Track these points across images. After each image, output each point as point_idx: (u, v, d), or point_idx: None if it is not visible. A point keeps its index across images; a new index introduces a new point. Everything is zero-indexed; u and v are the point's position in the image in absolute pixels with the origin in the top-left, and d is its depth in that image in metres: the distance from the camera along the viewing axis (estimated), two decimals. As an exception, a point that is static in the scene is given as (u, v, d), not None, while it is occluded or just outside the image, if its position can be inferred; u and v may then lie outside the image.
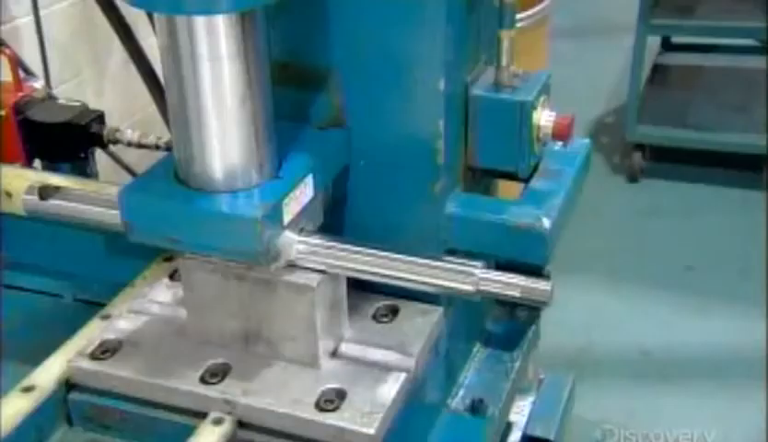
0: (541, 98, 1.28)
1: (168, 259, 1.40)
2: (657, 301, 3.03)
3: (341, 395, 1.13)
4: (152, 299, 1.31)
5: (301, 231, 1.15)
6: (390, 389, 1.14)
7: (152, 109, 2.42)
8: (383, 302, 1.29)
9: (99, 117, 1.81)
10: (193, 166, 1.11)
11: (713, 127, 4.15)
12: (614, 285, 3.10)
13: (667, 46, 4.96)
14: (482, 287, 1.11)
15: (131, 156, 2.13)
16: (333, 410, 1.11)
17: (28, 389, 1.17)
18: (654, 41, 4.65)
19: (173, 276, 1.35)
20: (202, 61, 1.04)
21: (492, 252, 1.23)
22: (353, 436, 1.08)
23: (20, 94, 1.82)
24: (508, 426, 1.60)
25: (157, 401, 1.16)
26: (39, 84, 1.96)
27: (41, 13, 2.50)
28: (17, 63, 1.88)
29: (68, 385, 1.20)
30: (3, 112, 1.76)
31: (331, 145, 1.22)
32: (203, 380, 1.16)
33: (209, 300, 1.19)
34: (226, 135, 1.09)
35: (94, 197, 1.29)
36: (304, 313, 1.15)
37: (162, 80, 1.15)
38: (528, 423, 1.68)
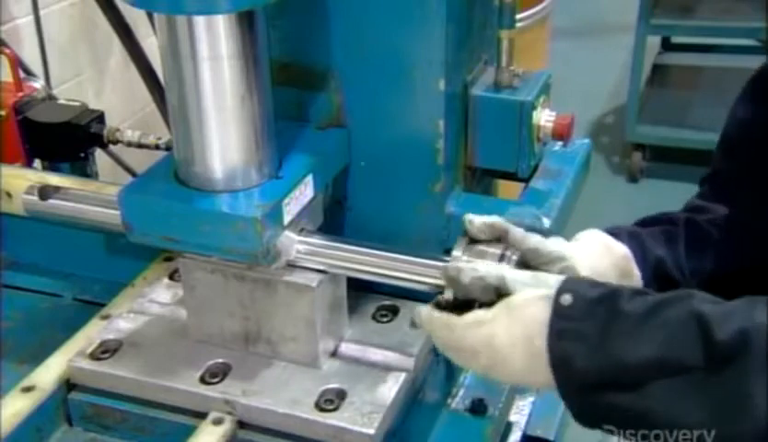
0: (541, 98, 1.29)
1: (168, 259, 1.39)
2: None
3: (341, 395, 1.13)
4: (152, 299, 1.31)
5: (301, 231, 1.15)
6: (390, 389, 1.14)
7: (152, 109, 2.42)
8: (383, 302, 1.29)
9: (99, 117, 1.81)
10: (193, 166, 1.11)
11: (713, 127, 4.14)
12: (614, 285, 3.09)
13: (667, 46, 4.97)
14: (482, 287, 1.10)
15: (131, 156, 2.13)
16: (333, 410, 1.10)
17: (28, 389, 1.17)
18: (654, 41, 4.65)
19: (173, 276, 1.35)
20: (202, 61, 1.04)
21: (492, 252, 1.22)
22: (353, 436, 1.08)
23: (20, 94, 1.82)
24: (508, 426, 1.60)
25: (157, 401, 1.16)
26: (39, 84, 1.95)
27: (41, 13, 2.49)
28: (17, 64, 1.88)
29: (68, 385, 1.20)
30: (3, 112, 1.76)
31: (331, 145, 1.22)
32: (203, 380, 1.16)
33: (209, 300, 1.19)
34: (226, 135, 1.09)
35: (94, 197, 1.29)
36: (304, 313, 1.15)
37: (162, 80, 1.15)
38: (528, 423, 1.67)
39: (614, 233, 1.15)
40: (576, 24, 5.53)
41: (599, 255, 1.11)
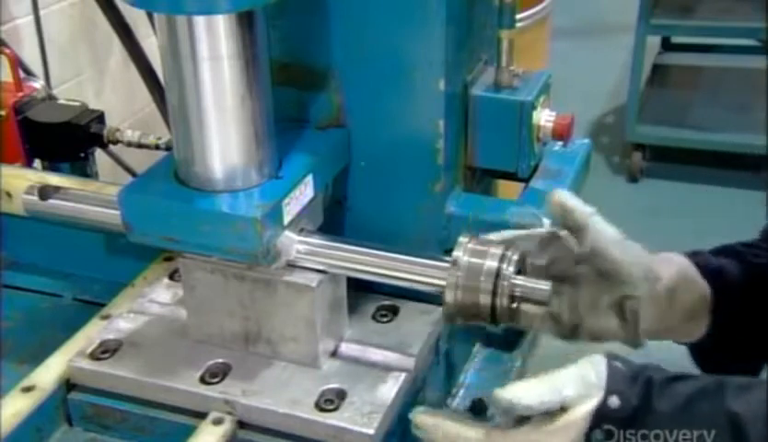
0: (541, 98, 1.29)
1: (168, 259, 1.39)
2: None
3: (341, 395, 1.13)
4: (152, 299, 1.31)
5: (301, 231, 1.15)
6: (390, 389, 1.14)
7: (152, 109, 2.42)
8: (383, 302, 1.29)
9: (99, 117, 1.81)
10: (193, 166, 1.11)
11: (713, 127, 4.16)
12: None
13: (667, 46, 4.97)
14: (482, 287, 1.10)
15: (131, 156, 2.13)
16: (333, 410, 1.10)
17: (28, 389, 1.17)
18: (654, 41, 4.65)
19: (173, 276, 1.35)
20: (202, 61, 1.04)
21: (492, 252, 1.22)
22: (353, 436, 1.08)
23: (20, 94, 1.82)
24: (508, 426, 1.60)
25: (157, 401, 1.16)
26: (39, 84, 1.95)
27: (41, 13, 2.50)
28: (17, 63, 1.88)
29: (68, 385, 1.20)
30: (3, 112, 1.76)
31: (331, 145, 1.22)
32: (203, 380, 1.16)
33: (209, 300, 1.19)
34: (226, 135, 1.09)
35: (94, 197, 1.29)
36: (304, 313, 1.15)
37: (162, 80, 1.15)
38: (528, 423, 1.67)
39: (698, 263, 1.12)
40: (576, 24, 5.53)
41: (679, 292, 1.09)
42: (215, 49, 1.04)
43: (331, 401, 1.12)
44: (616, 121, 4.63)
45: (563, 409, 0.98)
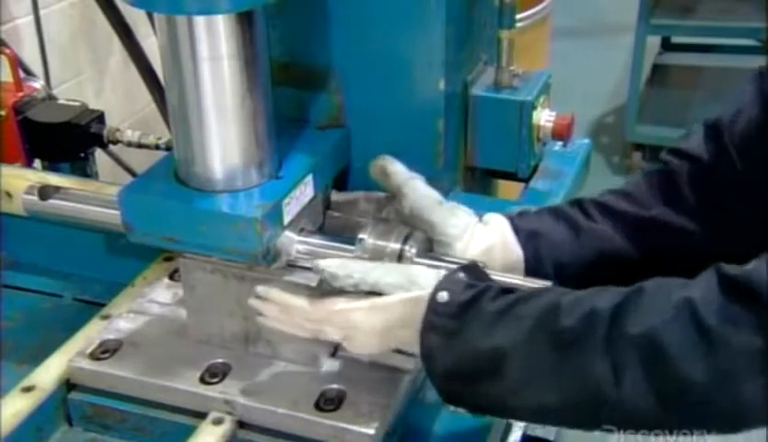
0: (541, 98, 1.29)
1: (168, 259, 1.39)
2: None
3: (341, 395, 1.13)
4: (152, 299, 1.31)
5: (301, 231, 1.15)
6: (390, 389, 1.14)
7: (152, 109, 2.42)
8: (383, 302, 1.29)
9: (99, 117, 1.81)
10: (193, 166, 1.11)
11: (713, 127, 4.14)
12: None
13: (667, 46, 4.96)
14: (482, 287, 1.10)
15: (131, 156, 2.13)
16: (333, 410, 1.10)
17: (28, 389, 1.17)
18: (654, 41, 4.65)
19: (173, 276, 1.35)
20: (202, 61, 1.04)
21: (492, 252, 1.22)
22: (353, 436, 1.08)
23: (20, 94, 1.82)
24: (508, 426, 1.60)
25: (157, 401, 1.16)
26: (39, 84, 1.95)
27: (41, 13, 2.49)
28: (17, 63, 1.88)
29: (68, 385, 1.20)
30: (3, 112, 1.76)
31: (331, 145, 1.22)
32: (203, 380, 1.16)
33: (209, 300, 1.19)
34: (226, 135, 1.09)
35: (94, 197, 1.29)
36: (304, 313, 1.15)
37: (162, 80, 1.15)
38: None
39: (517, 227, 1.14)
40: (576, 24, 5.52)
41: (495, 253, 1.12)
42: (215, 49, 1.04)
43: (331, 400, 1.12)
44: (616, 121, 4.62)
45: (380, 294, 1.02)
